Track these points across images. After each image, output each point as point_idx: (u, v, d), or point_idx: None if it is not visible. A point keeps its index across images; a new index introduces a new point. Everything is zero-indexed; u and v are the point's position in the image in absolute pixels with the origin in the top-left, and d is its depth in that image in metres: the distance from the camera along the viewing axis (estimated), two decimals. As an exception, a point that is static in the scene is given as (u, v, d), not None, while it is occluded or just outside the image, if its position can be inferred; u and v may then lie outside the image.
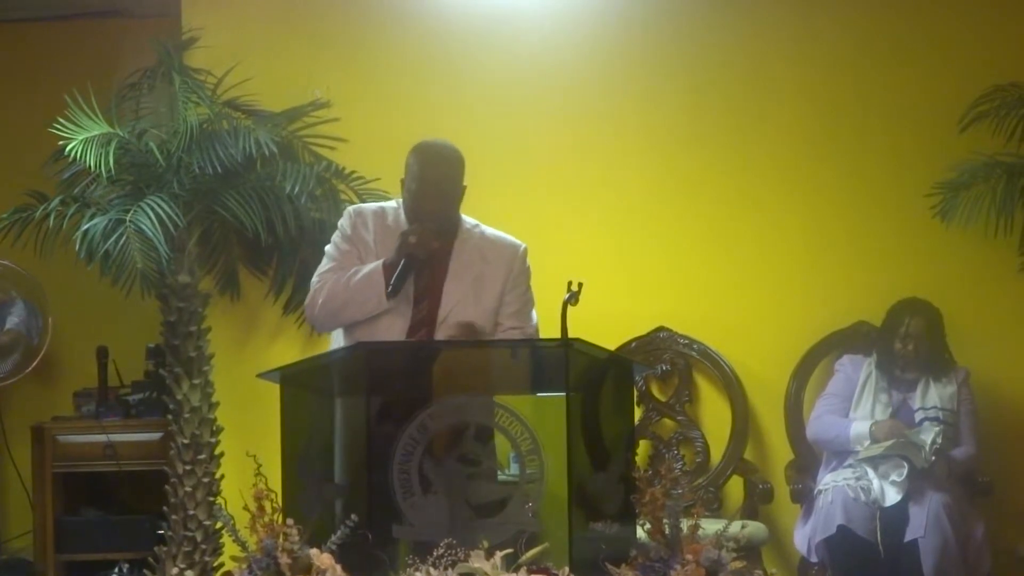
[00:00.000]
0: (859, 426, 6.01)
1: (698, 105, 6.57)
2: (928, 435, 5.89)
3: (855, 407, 6.10)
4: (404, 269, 4.83)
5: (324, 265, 5.01)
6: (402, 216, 4.98)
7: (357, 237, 4.99)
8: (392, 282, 4.82)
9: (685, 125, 6.57)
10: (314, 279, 5.01)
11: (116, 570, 6.47)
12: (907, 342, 6.09)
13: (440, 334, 4.86)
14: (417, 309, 4.89)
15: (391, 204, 5.06)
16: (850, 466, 5.96)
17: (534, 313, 5.04)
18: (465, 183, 5.00)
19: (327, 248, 5.05)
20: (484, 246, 4.99)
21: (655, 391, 6.55)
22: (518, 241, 5.06)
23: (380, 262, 4.87)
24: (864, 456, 5.92)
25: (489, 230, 5.05)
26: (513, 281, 4.98)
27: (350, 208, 5.14)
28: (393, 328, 4.86)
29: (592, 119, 6.58)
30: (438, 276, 4.92)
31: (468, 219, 5.04)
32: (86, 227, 5.96)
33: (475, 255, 4.96)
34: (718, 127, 6.56)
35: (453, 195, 4.96)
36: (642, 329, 6.50)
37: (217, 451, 6.21)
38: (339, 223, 5.07)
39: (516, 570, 4.24)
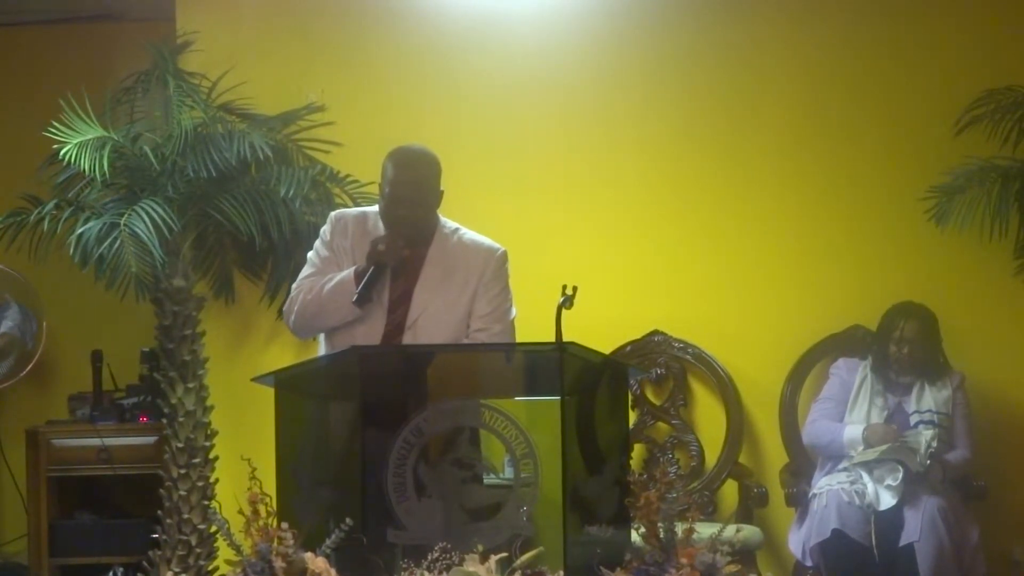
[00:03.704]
0: (852, 430, 6.01)
1: (692, 109, 6.57)
2: (923, 439, 5.90)
3: (850, 411, 6.10)
4: (372, 277, 4.80)
5: (304, 271, 4.99)
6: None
7: (336, 243, 4.96)
8: (359, 290, 4.79)
9: (679, 129, 6.57)
10: (294, 285, 5.00)
11: (111, 574, 6.47)
12: (902, 346, 6.09)
13: (408, 339, 4.83)
14: (392, 315, 4.86)
15: (373, 209, 5.00)
16: (845, 470, 5.96)
17: (511, 314, 4.97)
18: (443, 188, 4.92)
19: (309, 254, 5.04)
20: (459, 250, 4.92)
21: (650, 395, 6.55)
22: (496, 244, 4.97)
23: (352, 269, 4.85)
24: (859, 460, 5.92)
25: (469, 234, 4.97)
26: (485, 284, 4.90)
27: (332, 214, 5.08)
28: (370, 334, 4.83)
29: (587, 123, 6.59)
30: (411, 281, 4.88)
31: (448, 223, 4.97)
32: (80, 231, 5.96)
33: (449, 259, 4.90)
34: (712, 130, 6.56)
35: (427, 200, 4.88)
36: (637, 333, 6.50)
37: (212, 455, 6.21)
38: (321, 229, 5.05)
39: (511, 574, 4.23)
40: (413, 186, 4.85)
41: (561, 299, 4.38)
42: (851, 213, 6.53)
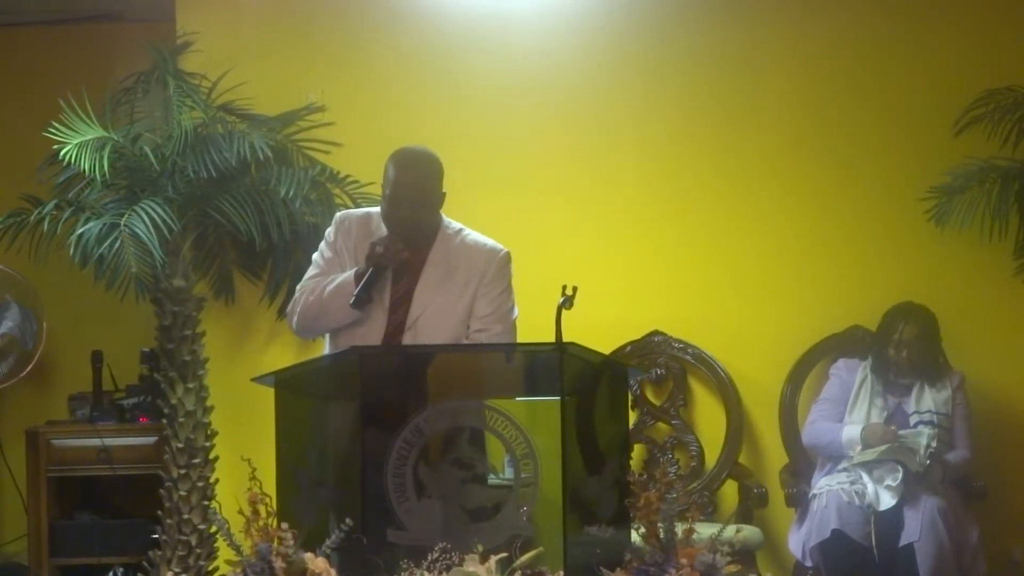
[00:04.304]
0: (851, 431, 6.01)
1: (692, 109, 6.57)
2: (921, 439, 5.90)
3: (850, 411, 6.10)
4: (371, 279, 4.79)
5: (309, 272, 5.00)
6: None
7: (340, 244, 4.96)
8: (356, 293, 4.78)
9: (679, 129, 6.57)
10: (297, 286, 5.01)
11: (111, 574, 6.46)
12: (901, 349, 6.09)
13: (408, 339, 4.82)
14: (393, 316, 4.86)
15: (378, 209, 4.98)
16: (845, 470, 5.96)
17: (513, 315, 4.96)
18: (445, 189, 4.91)
19: (314, 255, 5.04)
20: (462, 251, 4.91)
21: (650, 395, 6.55)
22: (499, 246, 4.96)
23: (352, 271, 4.85)
24: (859, 460, 5.92)
25: (472, 235, 4.96)
26: (487, 285, 4.89)
27: (337, 215, 5.10)
28: (371, 334, 4.84)
29: (587, 124, 6.58)
30: (412, 282, 4.88)
31: (452, 223, 4.96)
32: (80, 231, 5.96)
33: (451, 260, 4.89)
34: (712, 131, 6.56)
35: (428, 201, 4.87)
36: (637, 333, 6.50)
37: (212, 455, 6.21)
38: (326, 230, 5.05)
39: (511, 574, 4.23)
40: (414, 187, 4.85)
41: (561, 299, 4.38)
42: (850, 213, 6.53)
